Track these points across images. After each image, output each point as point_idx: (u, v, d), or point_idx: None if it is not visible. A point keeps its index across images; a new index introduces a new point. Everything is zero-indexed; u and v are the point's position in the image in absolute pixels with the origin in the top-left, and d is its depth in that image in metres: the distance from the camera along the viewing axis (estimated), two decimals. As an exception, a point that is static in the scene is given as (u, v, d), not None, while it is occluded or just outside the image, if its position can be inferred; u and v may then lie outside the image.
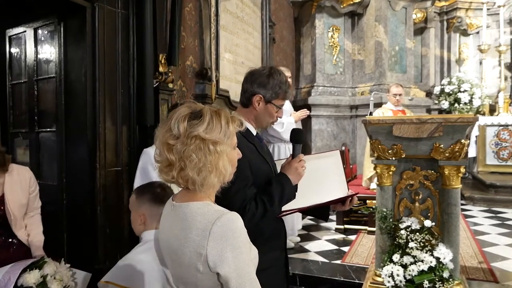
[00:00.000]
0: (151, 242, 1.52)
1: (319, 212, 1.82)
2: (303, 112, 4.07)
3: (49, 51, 2.98)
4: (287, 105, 4.12)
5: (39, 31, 3.05)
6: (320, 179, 1.71)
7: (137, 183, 2.56)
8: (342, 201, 1.74)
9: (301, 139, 1.63)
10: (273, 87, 1.59)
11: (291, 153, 1.60)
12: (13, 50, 3.30)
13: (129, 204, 1.65)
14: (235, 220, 1.04)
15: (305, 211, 1.80)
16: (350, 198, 1.74)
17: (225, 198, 1.35)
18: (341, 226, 4.40)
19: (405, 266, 2.21)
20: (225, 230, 1.01)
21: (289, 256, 1.75)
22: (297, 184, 1.54)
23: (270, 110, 1.62)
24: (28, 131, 3.17)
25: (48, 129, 3.04)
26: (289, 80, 4.07)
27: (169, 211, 1.16)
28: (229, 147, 1.10)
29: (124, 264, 1.50)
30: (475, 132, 6.73)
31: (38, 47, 3.06)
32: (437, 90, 7.70)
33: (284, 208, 1.58)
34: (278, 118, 1.69)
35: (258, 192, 1.47)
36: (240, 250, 1.01)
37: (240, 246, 1.02)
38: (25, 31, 3.15)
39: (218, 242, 1.00)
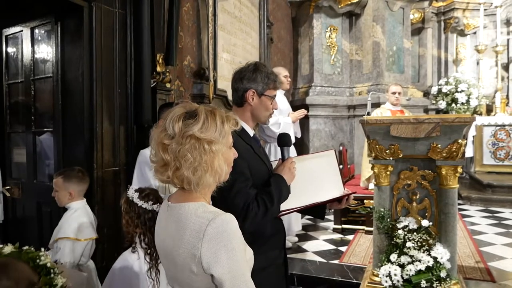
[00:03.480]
0: (80, 208, 2.23)
1: (315, 211, 1.84)
2: (301, 112, 4.07)
3: (46, 51, 2.97)
4: (285, 105, 4.11)
5: (36, 31, 3.04)
6: (316, 179, 1.73)
7: (135, 184, 2.55)
8: (338, 199, 1.77)
9: (288, 143, 1.69)
10: (263, 79, 1.64)
11: (281, 156, 1.65)
12: (10, 49, 3.28)
13: (54, 185, 2.23)
14: (229, 221, 1.03)
15: (302, 211, 1.83)
16: (347, 197, 1.77)
17: (226, 199, 1.36)
18: (339, 226, 4.40)
19: (402, 266, 2.22)
20: (219, 232, 1.00)
21: (287, 256, 1.76)
22: (290, 185, 1.58)
23: (265, 102, 1.65)
24: (25, 131, 3.16)
25: (45, 129, 3.02)
26: (288, 79, 4.08)
27: (164, 211, 1.15)
28: (225, 147, 1.10)
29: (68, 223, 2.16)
30: (472, 132, 6.75)
31: (35, 47, 3.05)
32: (434, 90, 7.72)
33: (282, 207, 1.61)
34: (274, 110, 1.73)
35: (258, 192, 1.49)
36: (234, 251, 1.01)
37: (234, 247, 1.01)
38: (21, 31, 3.13)
39: (212, 244, 0.99)
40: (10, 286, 0.88)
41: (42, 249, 1.15)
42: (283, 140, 1.69)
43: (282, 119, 3.88)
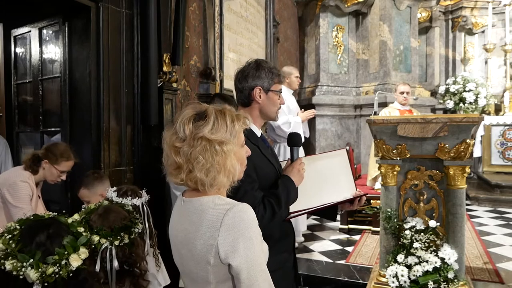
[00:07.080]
0: None
1: (326, 212, 1.81)
2: (310, 112, 4.06)
3: (54, 51, 2.99)
4: (294, 105, 4.11)
5: (44, 31, 3.06)
6: (327, 179, 1.70)
7: None
8: (350, 201, 1.73)
9: (298, 143, 1.65)
10: (267, 75, 1.61)
11: (290, 156, 1.62)
12: (18, 50, 3.31)
13: (83, 197, 2.26)
14: (247, 210, 1.03)
15: (312, 212, 1.79)
16: (359, 198, 1.73)
17: None
18: (345, 226, 4.38)
19: (409, 267, 2.20)
20: (237, 221, 1.00)
21: (296, 258, 1.74)
22: (298, 187, 1.55)
23: (272, 98, 1.62)
24: (33, 131, 3.19)
25: (53, 129, 3.05)
26: (298, 80, 4.07)
27: (179, 206, 1.15)
28: (236, 146, 1.09)
29: None
30: (480, 131, 6.68)
31: (43, 47, 3.08)
32: (442, 89, 7.66)
33: (293, 209, 1.57)
34: (283, 109, 1.69)
35: (265, 195, 1.46)
36: (251, 241, 1.01)
37: (252, 237, 1.01)
38: (30, 31, 3.16)
39: (230, 233, 0.99)
40: (116, 216, 1.60)
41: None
42: (293, 140, 1.65)
43: (292, 118, 3.87)
